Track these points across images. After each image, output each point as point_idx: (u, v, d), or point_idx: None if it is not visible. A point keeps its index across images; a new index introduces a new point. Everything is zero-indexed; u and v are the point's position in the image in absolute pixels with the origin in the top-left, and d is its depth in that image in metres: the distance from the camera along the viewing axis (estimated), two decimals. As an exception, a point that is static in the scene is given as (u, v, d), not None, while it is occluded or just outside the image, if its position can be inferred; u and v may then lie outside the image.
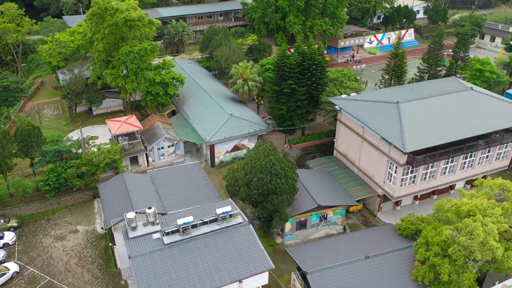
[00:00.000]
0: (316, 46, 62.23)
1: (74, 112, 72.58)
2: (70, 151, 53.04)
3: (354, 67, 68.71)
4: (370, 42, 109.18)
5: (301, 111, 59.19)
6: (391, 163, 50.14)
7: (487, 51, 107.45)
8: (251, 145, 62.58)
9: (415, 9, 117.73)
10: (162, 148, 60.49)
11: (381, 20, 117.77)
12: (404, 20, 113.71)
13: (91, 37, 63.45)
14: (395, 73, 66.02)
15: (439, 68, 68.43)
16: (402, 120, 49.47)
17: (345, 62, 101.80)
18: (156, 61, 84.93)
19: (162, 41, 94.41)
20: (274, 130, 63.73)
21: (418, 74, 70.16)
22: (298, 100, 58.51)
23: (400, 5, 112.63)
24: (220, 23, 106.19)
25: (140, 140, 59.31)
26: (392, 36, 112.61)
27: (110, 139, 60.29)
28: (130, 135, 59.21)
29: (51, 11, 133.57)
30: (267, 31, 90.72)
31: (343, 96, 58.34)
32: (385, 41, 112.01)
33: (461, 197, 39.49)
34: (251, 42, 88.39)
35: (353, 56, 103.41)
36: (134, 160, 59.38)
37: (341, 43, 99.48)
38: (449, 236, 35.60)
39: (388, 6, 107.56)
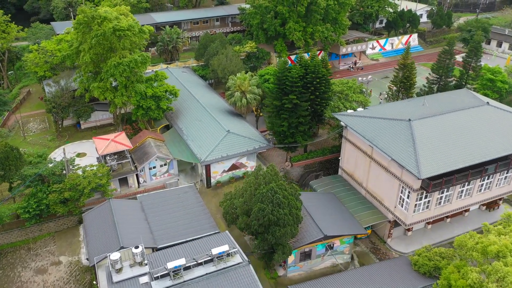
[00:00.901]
0: (320, 57, 57.74)
1: (60, 126, 68.02)
2: (53, 173, 48.51)
3: (359, 78, 64.24)
4: (373, 48, 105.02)
5: (303, 127, 54.89)
6: (403, 187, 45.90)
7: (494, 57, 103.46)
8: (250, 163, 58.24)
9: (418, 13, 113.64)
10: (154, 167, 56.09)
11: (383, 24, 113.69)
12: (408, 24, 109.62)
13: (77, 47, 58.93)
14: (403, 85, 61.78)
15: (450, 79, 64.21)
16: (415, 141, 45.24)
17: (347, 70, 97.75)
18: (149, 70, 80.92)
19: (155, 48, 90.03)
20: (275, 146, 59.44)
21: (427, 85, 65.92)
22: (301, 115, 54.22)
23: (403, 9, 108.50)
24: (216, 28, 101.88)
25: (130, 159, 54.87)
26: (395, 41, 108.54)
27: (98, 158, 55.84)
28: (119, 154, 54.77)
29: (41, 15, 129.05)
30: (266, 37, 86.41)
31: (349, 111, 54.05)
32: (388, 47, 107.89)
33: (487, 233, 35.25)
34: (249, 50, 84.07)
35: (355, 63, 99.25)
36: (123, 181, 54.96)
37: (343, 50, 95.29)
38: (476, 281, 31.34)
39: (391, 10, 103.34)
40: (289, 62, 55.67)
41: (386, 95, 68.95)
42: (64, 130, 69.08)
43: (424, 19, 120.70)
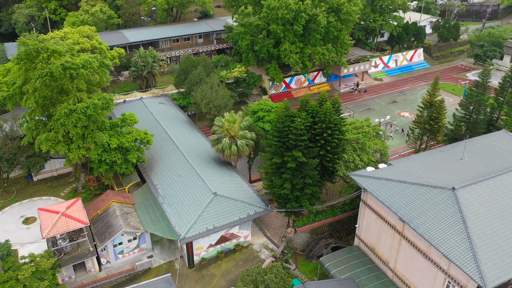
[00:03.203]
0: (331, 101, 45.85)
1: (6, 180, 54.95)
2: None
3: (376, 120, 52.58)
4: (375, 66, 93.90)
5: (311, 190, 43.04)
6: (450, 283, 34.34)
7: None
8: (244, 233, 46.17)
9: (421, 25, 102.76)
10: (120, 243, 43.62)
11: (384, 38, 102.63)
12: (413, 39, 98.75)
13: (20, 87, 46.06)
14: (430, 127, 50.29)
15: (483, 117, 52.82)
16: (467, 223, 33.70)
17: (350, 92, 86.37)
18: (120, 100, 68.56)
19: (128, 72, 77.35)
20: (275, 211, 47.53)
21: (453, 123, 54.57)
22: (307, 175, 42.34)
23: (407, 21, 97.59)
24: (199, 46, 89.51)
25: (88, 237, 42.24)
26: (400, 57, 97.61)
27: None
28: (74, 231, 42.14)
29: (2, 29, 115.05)
30: (257, 60, 74.40)
31: (368, 169, 42.32)
32: (391, 64, 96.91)
33: None
34: (237, 75, 71.91)
35: (357, 85, 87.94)
36: (80, 265, 42.34)
37: (345, 71, 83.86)
38: None
39: (395, 23, 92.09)
40: (290, 106, 43.50)
41: (407, 136, 57.48)
42: (12, 183, 56.03)
43: (427, 30, 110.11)
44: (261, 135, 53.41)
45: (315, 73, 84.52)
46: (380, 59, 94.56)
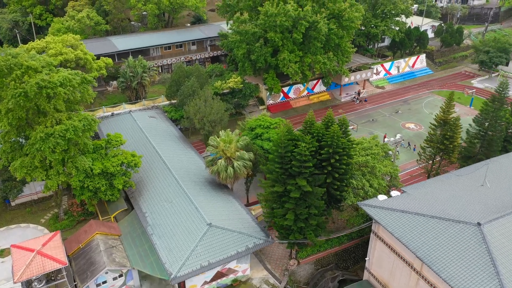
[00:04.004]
0: (337, 121, 41.46)
1: (-20, 206, 50.33)
2: None
3: (385, 139, 48.39)
4: (377, 73, 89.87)
5: (316, 220, 38.73)
6: (478, 334, 30.18)
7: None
8: (242, 266, 41.79)
9: (422, 29, 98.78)
10: (105, 282, 39.10)
11: (385, 43, 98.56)
12: (415, 44, 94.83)
13: (-7, 107, 41.41)
14: (444, 147, 46.14)
15: (499, 134, 48.64)
16: (497, 267, 29.57)
17: (351, 102, 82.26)
18: (108, 113, 64.00)
19: (116, 82, 72.78)
20: (277, 242, 43.19)
21: (467, 140, 50.45)
22: (312, 205, 38.03)
23: (409, 26, 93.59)
24: (192, 53, 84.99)
25: (67, 276, 37.64)
26: (402, 64, 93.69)
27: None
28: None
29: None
30: (254, 69, 70.06)
31: (380, 198, 38.08)
32: (393, 71, 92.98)
33: None
34: (233, 86, 67.49)
35: (359, 93, 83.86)
36: (59, 307, 37.79)
37: (346, 80, 79.77)
38: None
39: (397, 28, 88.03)
40: (292, 128, 39.20)
41: (413, 149, 53.43)
42: (-12, 209, 51.34)
43: (429, 34, 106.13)
44: (260, 154, 49.11)
45: (315, 81, 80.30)
46: (382, 65, 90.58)
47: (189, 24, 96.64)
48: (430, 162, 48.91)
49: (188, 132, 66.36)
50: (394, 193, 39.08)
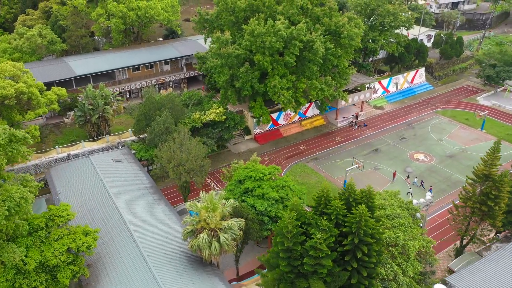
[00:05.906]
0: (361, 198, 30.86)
1: None
2: None
3: (412, 200, 38.18)
4: (374, 91, 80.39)
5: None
6: None
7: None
8: None
9: (418, 39, 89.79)
10: None
11: (381, 56, 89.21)
12: (414, 58, 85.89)
13: None
14: (487, 208, 36.30)
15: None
16: None
17: (349, 126, 72.50)
18: (63, 153, 52.64)
19: (72, 113, 61.05)
20: None
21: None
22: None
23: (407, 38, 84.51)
24: (165, 74, 73.68)
25: None
26: (400, 80, 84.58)
27: None
28: None
29: None
30: (238, 97, 59.42)
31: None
32: (391, 88, 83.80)
33: None
34: (214, 118, 56.52)
35: (356, 116, 74.18)
36: None
37: (342, 103, 69.97)
38: None
39: (394, 40, 78.75)
40: (303, 207, 28.59)
41: (429, 189, 43.52)
42: None
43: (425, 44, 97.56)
44: (252, 220, 38.47)
45: (307, 105, 70.19)
46: (379, 83, 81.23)
47: (161, 39, 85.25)
48: (466, 223, 39.09)
49: (162, 177, 55.07)
50: (438, 286, 29.00)
